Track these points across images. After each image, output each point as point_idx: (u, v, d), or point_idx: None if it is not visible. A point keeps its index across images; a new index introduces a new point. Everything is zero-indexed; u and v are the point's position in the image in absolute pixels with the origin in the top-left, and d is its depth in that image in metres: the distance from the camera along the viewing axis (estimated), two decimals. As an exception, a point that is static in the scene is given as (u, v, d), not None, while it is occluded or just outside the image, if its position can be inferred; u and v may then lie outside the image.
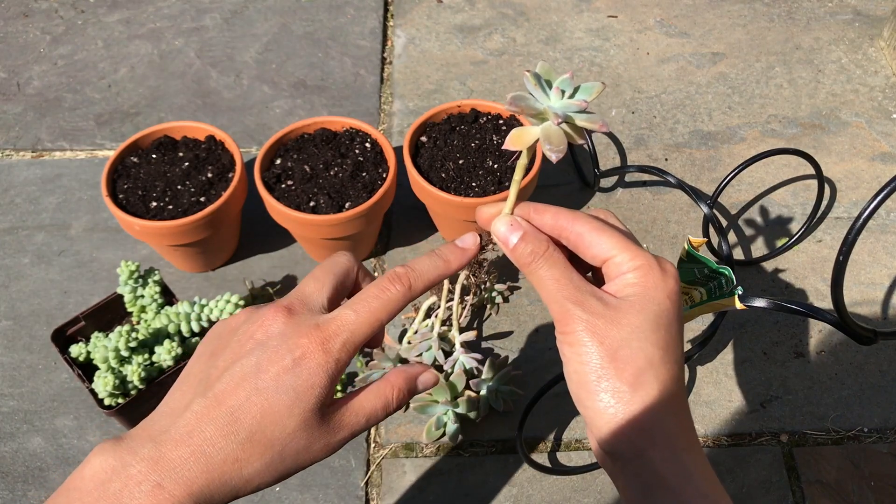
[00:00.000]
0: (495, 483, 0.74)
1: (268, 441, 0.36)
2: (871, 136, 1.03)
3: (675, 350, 0.39)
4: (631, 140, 1.02)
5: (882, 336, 0.47)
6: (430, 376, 0.43)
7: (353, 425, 0.39)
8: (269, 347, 0.37)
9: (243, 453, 0.36)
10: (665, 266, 0.40)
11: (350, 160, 0.83)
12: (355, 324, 0.38)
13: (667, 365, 0.39)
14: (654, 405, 0.38)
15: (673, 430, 0.38)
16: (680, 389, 0.40)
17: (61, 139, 1.01)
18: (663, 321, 0.39)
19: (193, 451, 0.35)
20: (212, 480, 0.35)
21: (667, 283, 0.39)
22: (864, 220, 0.41)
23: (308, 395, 0.37)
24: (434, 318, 0.77)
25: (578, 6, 1.20)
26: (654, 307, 0.39)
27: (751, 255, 0.91)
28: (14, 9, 1.18)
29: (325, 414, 0.38)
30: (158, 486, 0.34)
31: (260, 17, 1.18)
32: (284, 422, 0.36)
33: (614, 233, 0.40)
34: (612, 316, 0.38)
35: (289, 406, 0.36)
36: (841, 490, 0.73)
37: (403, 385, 0.41)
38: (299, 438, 0.37)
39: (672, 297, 0.39)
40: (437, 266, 0.42)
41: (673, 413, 0.39)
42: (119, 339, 0.66)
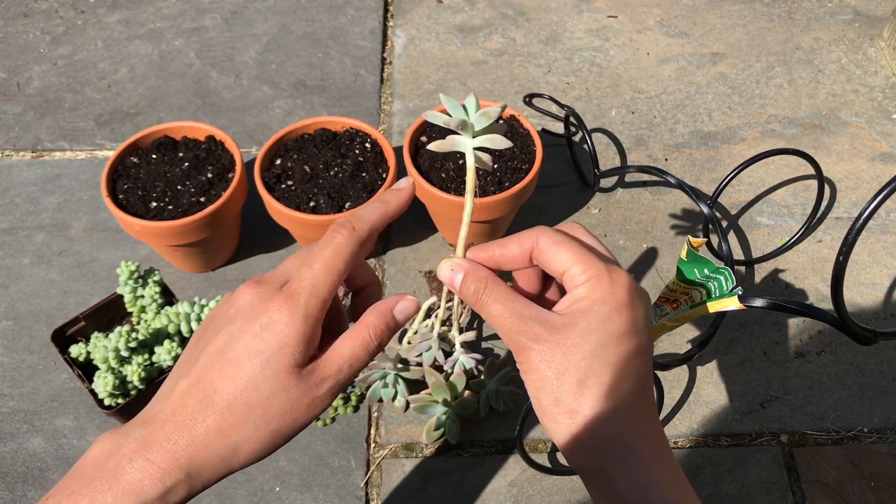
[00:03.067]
0: (495, 483, 0.74)
1: (247, 407, 0.37)
2: (871, 137, 1.03)
3: (629, 362, 0.39)
4: (631, 140, 1.02)
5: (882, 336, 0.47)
6: (407, 304, 0.41)
7: (335, 374, 0.39)
8: (239, 319, 0.39)
9: (225, 422, 0.37)
10: (616, 277, 0.39)
11: (350, 160, 0.83)
12: (313, 276, 0.39)
13: (619, 379, 0.38)
14: (607, 421, 0.38)
15: (632, 444, 0.39)
16: (639, 401, 0.39)
17: (61, 139, 1.01)
18: (612, 335, 0.38)
19: (178, 426, 0.37)
20: (198, 451, 0.37)
21: (616, 294, 0.39)
22: (864, 220, 0.41)
23: (279, 356, 0.37)
24: (434, 318, 0.77)
25: (578, 6, 1.20)
26: (600, 322, 0.38)
27: (751, 255, 0.91)
28: (14, 9, 1.18)
29: (304, 371, 0.38)
30: (148, 461, 0.36)
31: (260, 17, 1.18)
32: (260, 386, 0.37)
33: (572, 244, 0.40)
34: (556, 339, 0.39)
35: (262, 370, 0.37)
36: (841, 490, 0.73)
37: (378, 321, 0.40)
38: (280, 399, 0.37)
39: (622, 308, 0.39)
40: (376, 208, 0.43)
41: (631, 427, 0.38)
42: (119, 340, 0.66)
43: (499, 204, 0.80)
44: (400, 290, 0.87)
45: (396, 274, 0.88)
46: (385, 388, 0.77)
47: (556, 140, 1.00)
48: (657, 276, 0.88)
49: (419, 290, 0.87)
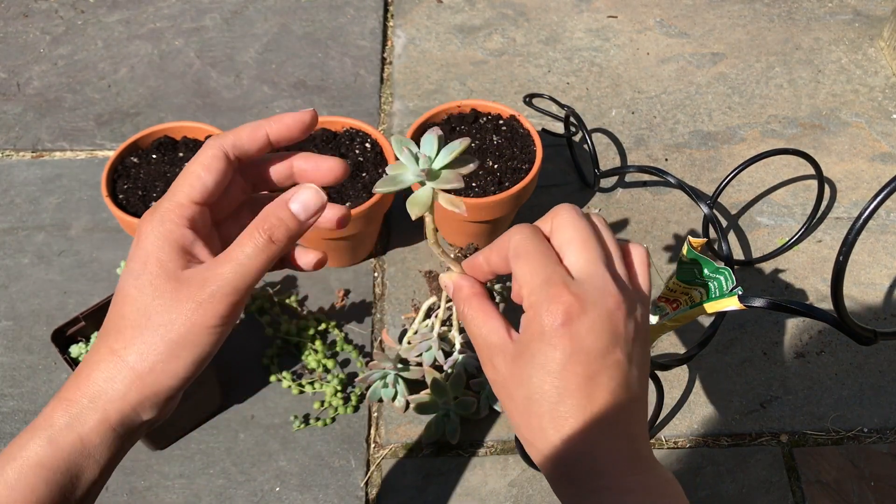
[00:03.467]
0: (495, 483, 0.74)
1: (133, 324, 0.37)
2: (871, 137, 1.03)
3: (584, 385, 0.37)
4: (631, 140, 1.02)
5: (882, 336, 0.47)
6: (307, 193, 0.38)
7: (220, 275, 0.36)
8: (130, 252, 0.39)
9: (116, 343, 0.37)
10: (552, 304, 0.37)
11: (350, 160, 0.83)
12: (173, 187, 0.38)
13: (572, 403, 0.37)
14: (554, 457, 0.38)
15: (577, 477, 0.38)
16: (603, 421, 0.37)
17: (61, 139, 1.01)
18: (556, 363, 0.37)
19: (83, 365, 0.37)
20: (96, 377, 0.37)
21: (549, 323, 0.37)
22: (864, 220, 0.41)
23: (148, 265, 0.37)
24: (434, 318, 0.77)
25: (578, 6, 1.20)
26: (540, 356, 0.37)
27: (751, 255, 0.91)
28: (14, 9, 1.18)
29: (184, 275, 0.37)
30: (57, 398, 0.37)
31: (260, 17, 1.18)
32: (137, 299, 0.37)
33: (529, 258, 0.39)
34: (512, 373, 0.39)
35: (135, 283, 0.37)
36: (841, 490, 0.73)
37: (267, 213, 0.37)
38: (160, 306, 0.36)
39: (555, 340, 0.37)
40: (256, 122, 0.40)
41: (575, 461, 0.37)
42: (119, 340, 0.66)
43: (499, 204, 0.80)
44: (400, 290, 0.87)
45: (396, 274, 0.88)
46: (385, 388, 0.77)
47: (556, 140, 1.00)
48: (657, 276, 0.88)
49: (419, 290, 0.87)
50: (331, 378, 0.78)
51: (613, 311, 0.37)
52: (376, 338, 0.84)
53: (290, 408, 0.78)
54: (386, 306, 0.86)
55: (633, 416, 0.39)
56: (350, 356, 0.82)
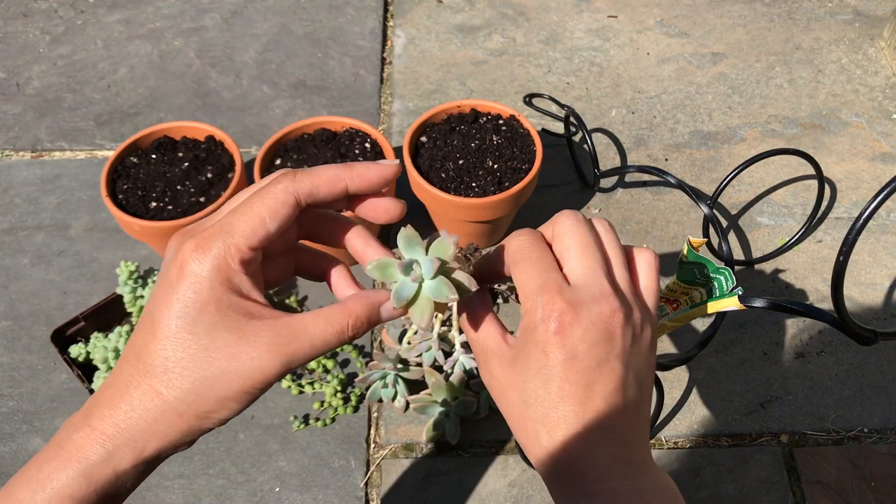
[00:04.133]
0: (495, 483, 0.74)
1: (181, 368, 0.35)
2: (871, 137, 1.03)
3: (577, 392, 0.37)
4: (631, 140, 1.02)
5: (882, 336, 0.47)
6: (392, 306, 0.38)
7: (294, 350, 0.35)
8: (162, 271, 0.36)
9: (161, 385, 0.35)
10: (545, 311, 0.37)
11: (350, 160, 0.83)
12: (231, 224, 0.35)
13: (565, 409, 0.37)
14: (547, 461, 0.38)
15: (567, 481, 0.38)
16: (596, 427, 0.37)
17: (61, 139, 1.01)
18: (549, 370, 0.37)
19: (116, 390, 0.36)
20: (138, 416, 0.35)
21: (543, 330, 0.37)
22: (864, 220, 0.41)
23: (203, 314, 0.34)
24: (434, 319, 0.77)
25: (578, 6, 1.20)
26: (534, 362, 0.37)
27: (751, 255, 0.91)
28: (14, 9, 1.18)
29: (244, 331, 0.34)
30: (90, 427, 0.35)
31: (260, 17, 1.18)
32: (189, 346, 0.34)
33: (527, 265, 0.39)
34: (507, 378, 0.39)
35: (188, 329, 0.34)
36: (841, 490, 0.73)
37: (363, 312, 0.36)
38: (216, 359, 0.34)
39: (548, 347, 0.37)
40: (336, 168, 0.37)
41: (566, 466, 0.38)
42: (119, 340, 0.66)
43: (499, 204, 0.80)
44: (400, 290, 0.87)
45: (396, 274, 0.88)
46: (385, 388, 0.77)
47: (556, 140, 1.00)
48: (657, 276, 0.88)
49: (419, 291, 0.86)
50: (330, 378, 0.78)
51: (608, 318, 0.37)
52: (376, 338, 0.83)
53: (290, 408, 0.78)
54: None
55: (629, 421, 0.39)
56: (350, 356, 0.81)
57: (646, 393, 0.40)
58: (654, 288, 0.41)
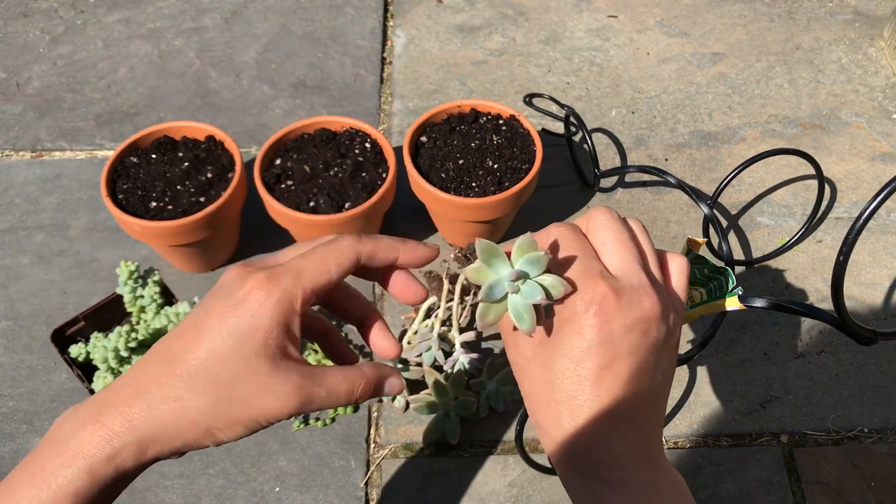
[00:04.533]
0: (495, 483, 0.74)
1: (211, 381, 0.36)
2: (871, 137, 1.03)
3: (606, 377, 0.37)
4: (631, 140, 1.02)
5: (882, 336, 0.47)
6: (397, 382, 0.41)
7: (312, 396, 0.37)
8: (218, 295, 0.37)
9: (185, 392, 0.36)
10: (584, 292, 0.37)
11: (350, 160, 0.83)
12: (300, 264, 0.38)
13: (592, 393, 0.38)
14: (565, 445, 0.39)
15: (585, 467, 0.38)
16: (598, 425, 0.38)
17: (61, 139, 1.01)
18: (582, 351, 0.37)
19: (136, 389, 0.36)
20: (153, 417, 0.35)
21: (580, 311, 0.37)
22: (864, 220, 0.41)
23: (252, 338, 0.36)
24: (434, 319, 0.77)
25: (578, 6, 1.20)
26: (566, 344, 0.38)
27: (751, 255, 0.91)
28: (14, 9, 1.18)
29: (279, 365, 0.36)
30: (100, 424, 0.35)
31: (260, 17, 1.18)
32: (229, 362, 0.36)
33: (568, 251, 0.39)
34: (537, 359, 0.39)
35: (233, 347, 0.36)
36: (841, 490, 0.73)
37: (373, 381, 0.39)
38: (247, 383, 0.36)
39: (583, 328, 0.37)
40: (391, 241, 0.41)
41: (585, 451, 0.38)
42: (119, 340, 0.66)
43: (499, 204, 0.80)
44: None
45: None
46: (385, 388, 0.77)
47: (556, 140, 1.00)
48: (657, 276, 0.88)
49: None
50: (331, 378, 0.78)
51: (647, 311, 0.38)
52: (376, 338, 0.83)
53: (290, 408, 0.78)
54: (386, 306, 0.86)
55: (651, 416, 0.39)
56: (350, 356, 0.81)
57: (668, 389, 0.41)
58: (684, 290, 0.42)
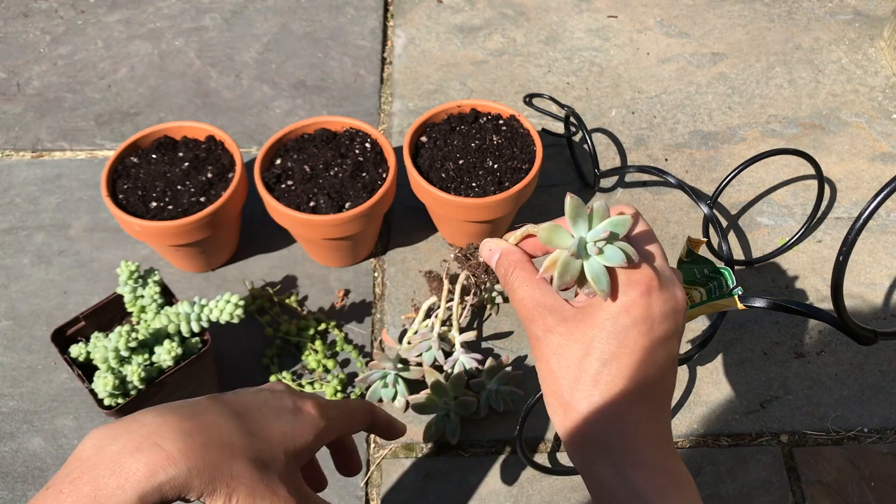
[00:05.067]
0: (495, 483, 0.74)
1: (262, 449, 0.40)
2: (871, 137, 1.03)
3: (631, 358, 0.38)
4: (631, 140, 1.02)
5: (882, 336, 0.47)
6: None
7: None
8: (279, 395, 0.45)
9: (240, 441, 0.38)
10: (633, 276, 0.39)
11: (350, 160, 0.83)
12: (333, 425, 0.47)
13: (616, 376, 0.39)
14: (597, 420, 0.39)
15: (616, 446, 0.39)
16: (641, 399, 0.39)
17: (61, 139, 1.01)
18: (612, 333, 0.39)
19: (198, 423, 0.38)
20: (207, 453, 0.37)
21: (627, 293, 0.39)
22: (864, 220, 0.41)
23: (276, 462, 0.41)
24: (434, 319, 0.77)
25: (578, 6, 1.20)
26: (604, 321, 0.39)
27: (751, 255, 0.91)
28: (14, 9, 1.18)
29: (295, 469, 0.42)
30: (157, 447, 0.36)
31: (260, 17, 1.18)
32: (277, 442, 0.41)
33: None
34: (563, 331, 0.40)
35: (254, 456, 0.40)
36: (841, 490, 0.73)
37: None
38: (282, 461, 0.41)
39: (629, 307, 0.38)
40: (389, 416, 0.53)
41: (617, 429, 0.39)
42: (119, 340, 0.66)
43: (499, 204, 0.80)
44: (400, 290, 0.87)
45: (396, 274, 0.88)
46: (385, 388, 0.77)
47: (556, 140, 1.00)
48: (657, 276, 0.88)
49: (419, 290, 0.87)
50: (331, 378, 0.78)
51: (680, 303, 0.40)
52: (376, 338, 0.84)
53: (290, 408, 0.78)
54: (386, 306, 0.86)
55: (666, 399, 0.41)
56: (350, 356, 0.82)
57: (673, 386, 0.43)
58: None
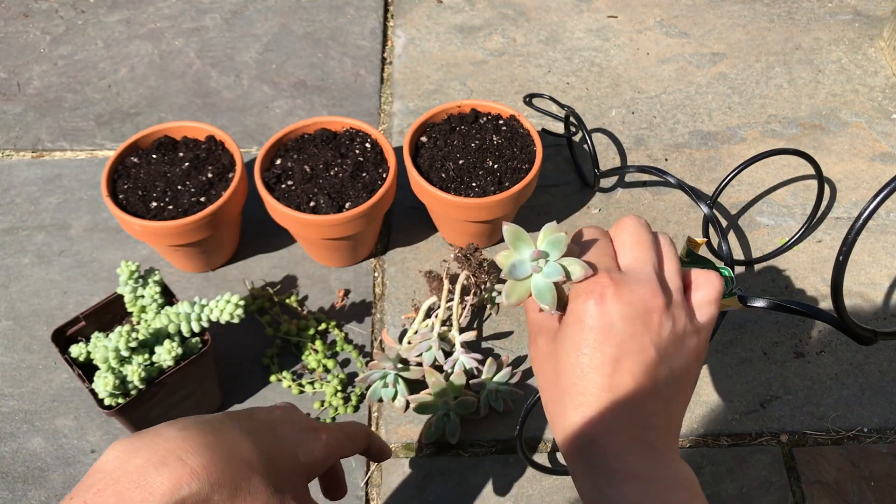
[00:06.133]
0: (495, 483, 0.74)
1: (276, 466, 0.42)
2: (871, 137, 1.03)
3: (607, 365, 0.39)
4: (631, 140, 1.02)
5: (882, 336, 0.47)
6: None
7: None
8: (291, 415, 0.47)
9: (257, 457, 0.40)
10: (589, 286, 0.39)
11: (350, 160, 0.83)
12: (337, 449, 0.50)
13: (593, 381, 0.39)
14: (566, 439, 0.40)
15: (591, 461, 0.39)
16: (620, 404, 0.39)
17: (61, 139, 1.01)
18: (583, 341, 0.39)
19: (219, 439, 0.39)
20: (228, 468, 0.38)
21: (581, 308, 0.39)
22: (863, 220, 0.41)
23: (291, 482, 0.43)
24: (434, 318, 0.77)
25: (578, 6, 1.20)
26: (576, 336, 0.40)
27: (751, 255, 0.91)
28: (14, 9, 1.18)
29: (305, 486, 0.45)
30: (181, 461, 0.36)
31: (260, 17, 1.18)
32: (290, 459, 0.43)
33: (585, 250, 0.42)
34: (553, 348, 0.41)
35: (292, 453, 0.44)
36: (841, 490, 0.73)
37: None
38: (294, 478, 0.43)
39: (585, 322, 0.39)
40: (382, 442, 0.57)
41: (588, 445, 0.39)
42: (119, 339, 0.66)
43: (499, 204, 0.80)
44: (400, 290, 0.87)
45: (396, 274, 0.88)
46: (385, 388, 0.77)
47: (556, 140, 1.00)
48: (657, 276, 0.88)
49: (419, 290, 0.87)
50: (331, 378, 0.78)
51: (648, 300, 0.39)
52: (376, 338, 0.84)
53: (291, 408, 0.78)
54: (386, 306, 0.86)
55: (656, 407, 0.40)
56: (350, 356, 0.82)
57: (680, 391, 0.41)
58: (709, 306, 0.43)
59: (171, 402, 0.71)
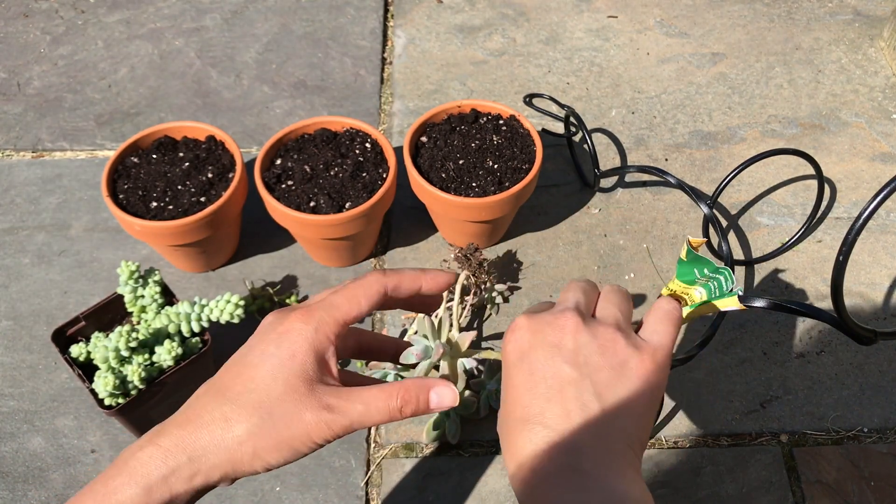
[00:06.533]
0: (495, 483, 0.74)
1: (255, 403, 0.39)
2: (871, 137, 1.03)
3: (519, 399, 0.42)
4: (631, 140, 1.02)
5: (882, 336, 0.47)
6: (447, 392, 0.42)
7: (350, 412, 0.40)
8: (260, 333, 0.42)
9: (232, 413, 0.39)
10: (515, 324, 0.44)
11: (350, 160, 0.83)
12: (332, 298, 0.42)
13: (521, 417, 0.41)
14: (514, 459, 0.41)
15: (527, 482, 0.39)
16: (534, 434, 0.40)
17: (61, 139, 1.01)
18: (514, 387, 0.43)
19: (188, 415, 0.40)
20: (202, 435, 0.39)
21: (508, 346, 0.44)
22: (863, 220, 0.41)
23: (290, 362, 0.40)
24: (434, 319, 0.77)
25: (578, 6, 1.20)
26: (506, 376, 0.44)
27: (751, 255, 0.91)
28: (14, 9, 1.18)
29: (317, 386, 0.40)
30: (156, 446, 0.38)
31: (260, 17, 1.18)
32: (270, 386, 0.39)
33: None
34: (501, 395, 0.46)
35: (272, 372, 0.39)
36: (841, 490, 0.73)
37: (411, 394, 0.41)
38: (287, 403, 0.39)
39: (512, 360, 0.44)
40: (413, 272, 0.45)
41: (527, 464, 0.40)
42: (119, 339, 0.66)
43: (499, 204, 0.80)
44: (400, 290, 0.87)
45: (396, 274, 0.88)
46: (385, 388, 0.77)
47: (556, 140, 1.00)
48: (657, 276, 0.88)
49: (419, 290, 0.87)
50: (331, 378, 0.78)
51: (561, 325, 0.43)
52: (376, 338, 0.83)
53: (291, 408, 0.78)
54: (386, 306, 0.86)
55: (579, 427, 0.40)
56: (350, 356, 0.82)
57: (619, 407, 0.41)
58: (661, 326, 0.45)
59: (171, 402, 0.71)
